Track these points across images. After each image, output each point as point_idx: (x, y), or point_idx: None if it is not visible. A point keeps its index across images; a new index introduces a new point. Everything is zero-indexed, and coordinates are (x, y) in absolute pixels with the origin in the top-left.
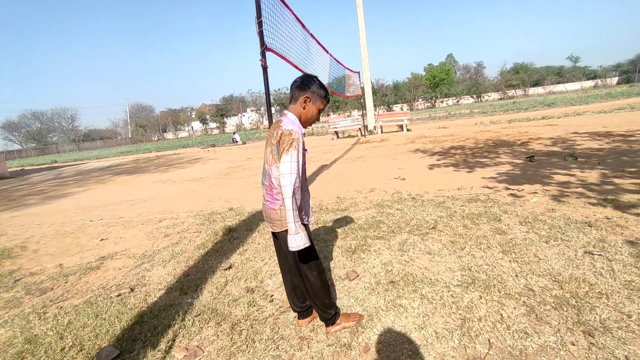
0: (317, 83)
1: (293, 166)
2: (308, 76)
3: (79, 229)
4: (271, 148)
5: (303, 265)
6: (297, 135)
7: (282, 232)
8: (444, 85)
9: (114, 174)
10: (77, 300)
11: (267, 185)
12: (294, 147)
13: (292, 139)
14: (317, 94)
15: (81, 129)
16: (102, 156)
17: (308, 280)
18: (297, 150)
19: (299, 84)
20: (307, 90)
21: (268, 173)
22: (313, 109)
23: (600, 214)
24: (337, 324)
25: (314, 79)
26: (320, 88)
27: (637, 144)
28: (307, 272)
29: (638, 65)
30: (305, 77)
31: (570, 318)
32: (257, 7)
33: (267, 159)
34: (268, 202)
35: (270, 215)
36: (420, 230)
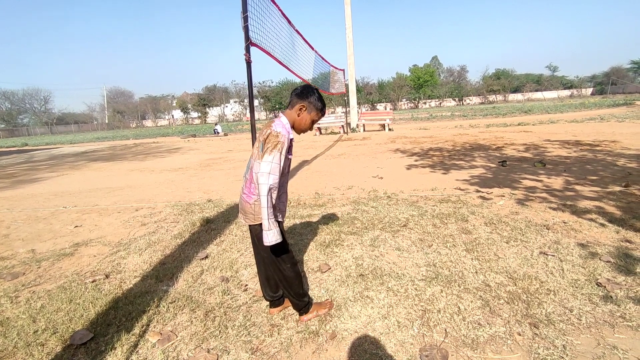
0: (316, 95)
1: (273, 167)
2: (309, 87)
3: (51, 215)
4: (258, 144)
5: (277, 258)
6: (283, 139)
7: (255, 225)
8: (427, 87)
9: (89, 160)
10: (50, 285)
11: (248, 179)
12: (277, 149)
13: (278, 141)
14: (313, 105)
15: (55, 112)
16: (77, 141)
17: (282, 272)
18: (279, 153)
19: (299, 92)
20: (305, 99)
21: (250, 167)
22: (307, 118)
23: (558, 218)
24: (310, 312)
25: (314, 91)
26: (319, 100)
27: (602, 153)
28: (281, 264)
29: (611, 77)
30: (306, 87)
31: (520, 311)
32: (243, 1)
33: (253, 154)
34: (245, 194)
35: (245, 208)
36: (392, 227)
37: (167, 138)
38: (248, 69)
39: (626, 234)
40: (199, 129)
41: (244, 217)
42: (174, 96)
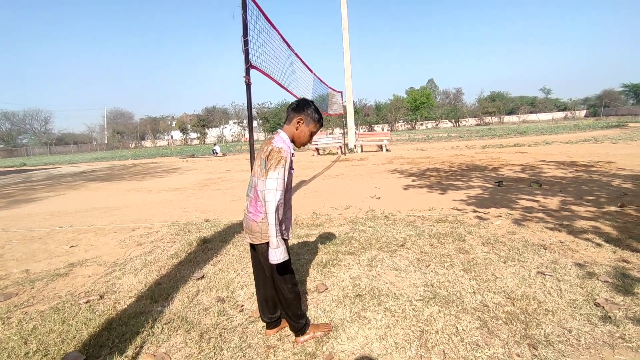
0: (312, 107)
1: (279, 183)
2: (304, 100)
3: (47, 234)
4: (260, 162)
5: (279, 277)
6: (286, 154)
7: (261, 244)
8: (424, 109)
9: (87, 180)
10: (43, 306)
11: (252, 197)
12: (282, 165)
13: (281, 156)
14: (310, 117)
15: (54, 132)
16: (75, 161)
17: (282, 292)
18: (284, 168)
19: (295, 106)
20: (302, 112)
21: (254, 185)
22: (305, 130)
23: (555, 237)
24: (306, 333)
25: (310, 104)
26: (315, 112)
27: (597, 174)
28: (282, 284)
29: (604, 100)
30: (301, 100)
31: (519, 332)
32: (244, 26)
33: (255, 172)
34: (251, 213)
35: (251, 227)
36: (390, 247)
37: (165, 158)
38: (248, 90)
39: (623, 254)
40: (198, 149)
41: (251, 236)
42: (174, 117)
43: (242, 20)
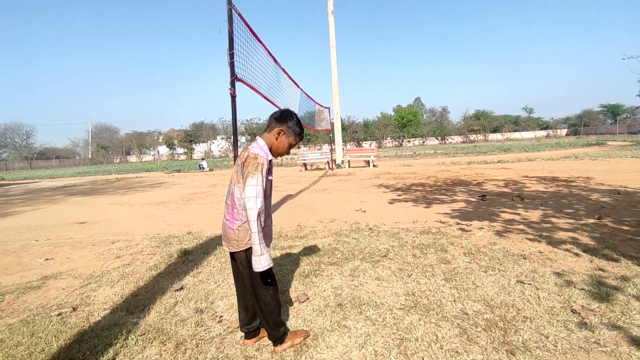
0: (294, 120)
1: (258, 190)
2: (288, 111)
3: (21, 248)
4: (236, 168)
5: (261, 284)
6: (262, 160)
7: (238, 252)
8: (411, 126)
9: (68, 195)
10: (13, 319)
11: (229, 205)
12: (258, 171)
13: (257, 162)
14: (292, 130)
15: (36, 146)
16: (57, 176)
17: (263, 300)
18: (261, 174)
19: (278, 116)
20: (284, 124)
21: (231, 192)
22: (285, 142)
23: (534, 248)
24: (285, 342)
25: (293, 116)
26: (297, 125)
27: (577, 188)
28: (264, 291)
29: (583, 119)
30: (285, 111)
31: (497, 339)
32: (230, 39)
33: (232, 178)
34: (228, 220)
35: (228, 235)
36: (372, 257)
37: (150, 173)
38: (232, 102)
39: (599, 263)
40: (184, 164)
41: (228, 244)
42: (160, 132)
43: (228, 34)
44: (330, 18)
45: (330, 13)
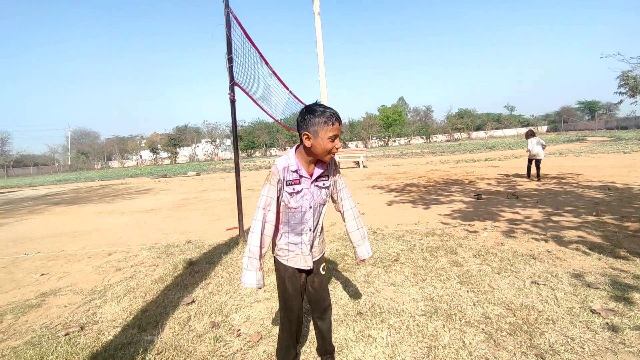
0: (311, 114)
1: (263, 200)
2: (301, 110)
3: (12, 263)
4: None
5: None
6: (274, 169)
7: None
8: (396, 126)
9: (51, 204)
10: (16, 341)
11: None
12: (267, 180)
13: (269, 172)
14: (316, 124)
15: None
16: (36, 184)
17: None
18: (269, 183)
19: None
20: (304, 127)
21: None
22: (319, 142)
23: (542, 247)
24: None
25: (308, 111)
26: (316, 116)
27: (568, 185)
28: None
29: (563, 116)
30: (300, 112)
31: (524, 343)
32: (228, 43)
33: None
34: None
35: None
36: (384, 262)
37: (136, 179)
38: (232, 107)
39: (608, 261)
40: (169, 169)
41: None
42: (143, 137)
43: (226, 38)
44: (317, 19)
45: (317, 14)
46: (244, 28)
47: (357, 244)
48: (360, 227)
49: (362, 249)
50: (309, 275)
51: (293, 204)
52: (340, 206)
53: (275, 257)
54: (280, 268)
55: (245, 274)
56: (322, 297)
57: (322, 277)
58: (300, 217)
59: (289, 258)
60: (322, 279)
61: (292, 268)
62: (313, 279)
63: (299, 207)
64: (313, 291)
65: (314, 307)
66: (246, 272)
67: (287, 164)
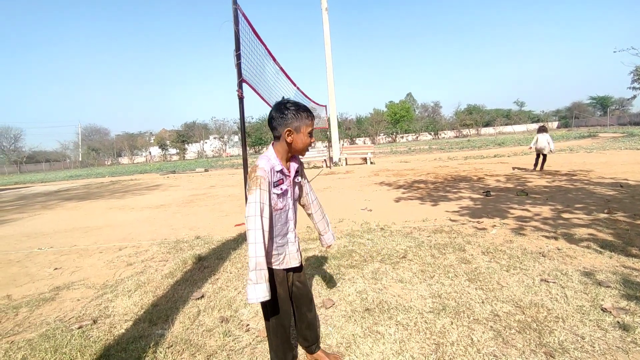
0: (292, 109)
1: (257, 207)
2: (280, 106)
3: (26, 257)
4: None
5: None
6: (261, 172)
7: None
8: (404, 122)
9: (63, 200)
10: (31, 334)
11: None
12: (257, 186)
13: (255, 176)
14: (298, 120)
15: (25, 150)
16: (48, 180)
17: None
18: (259, 189)
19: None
20: (285, 122)
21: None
22: (300, 137)
23: (552, 245)
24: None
25: (288, 106)
26: (297, 111)
27: (579, 182)
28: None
29: (574, 112)
30: (277, 108)
31: (533, 341)
32: (236, 40)
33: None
34: None
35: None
36: (391, 259)
37: (145, 175)
38: (240, 104)
39: (620, 259)
40: (178, 165)
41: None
42: (152, 133)
43: (235, 34)
44: (325, 15)
45: (324, 10)
46: (252, 25)
47: (323, 231)
48: (324, 216)
49: (328, 235)
50: (295, 272)
51: (280, 205)
52: (306, 199)
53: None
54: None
55: (255, 289)
56: (307, 289)
57: (303, 271)
58: (285, 217)
59: (280, 261)
60: (304, 273)
61: (283, 271)
62: (299, 274)
63: (285, 207)
64: (301, 285)
65: (302, 302)
66: (257, 287)
67: (272, 165)
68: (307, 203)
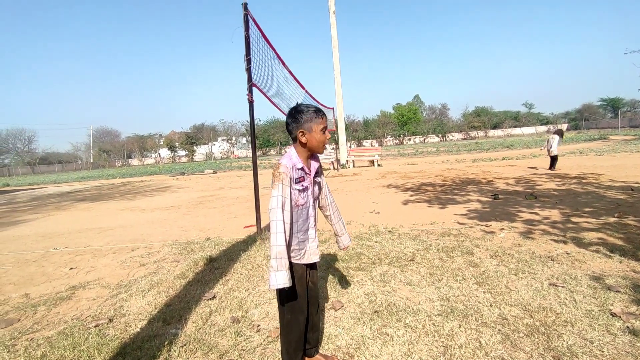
0: (304, 112)
1: (279, 201)
2: (293, 111)
3: (42, 257)
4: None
5: (279, 303)
6: (283, 169)
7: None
8: (411, 124)
9: (76, 200)
10: (50, 331)
11: None
12: (279, 180)
13: (278, 172)
14: (310, 121)
15: (38, 152)
16: (61, 181)
17: (281, 320)
18: (281, 184)
19: (289, 124)
20: (299, 124)
21: None
22: (314, 136)
23: (560, 249)
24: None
25: (301, 110)
26: (309, 112)
27: (589, 185)
28: (280, 311)
29: (584, 114)
30: (291, 114)
31: (541, 344)
32: (247, 45)
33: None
34: None
35: None
36: (400, 262)
37: (155, 177)
38: (250, 108)
39: (630, 264)
40: (186, 166)
41: None
42: (162, 135)
43: (245, 40)
44: (332, 18)
45: (332, 13)
46: (262, 30)
47: (340, 233)
48: (341, 218)
49: (345, 237)
50: (311, 271)
51: (302, 201)
52: (324, 200)
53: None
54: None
55: (276, 276)
56: (317, 291)
57: (317, 272)
58: (306, 213)
59: (300, 256)
60: (317, 274)
61: (302, 267)
62: (312, 273)
63: (306, 204)
64: (313, 286)
65: (311, 302)
66: (277, 274)
67: (294, 162)
68: (325, 204)
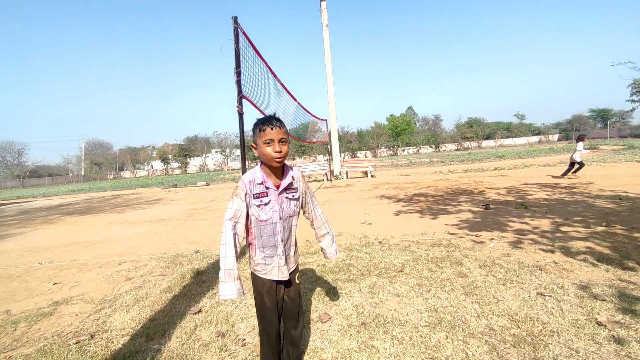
0: (254, 125)
1: (229, 213)
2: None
3: (26, 272)
4: None
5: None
6: (240, 183)
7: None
8: (405, 135)
9: (64, 214)
10: (29, 349)
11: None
12: (234, 194)
13: (235, 186)
14: (255, 136)
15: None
16: (50, 194)
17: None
18: (235, 197)
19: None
20: (252, 138)
21: None
22: (260, 150)
23: (549, 258)
24: None
25: (254, 124)
26: (254, 126)
27: (579, 195)
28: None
29: (574, 124)
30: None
31: (528, 355)
32: (237, 58)
33: None
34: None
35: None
36: (389, 273)
37: (147, 189)
38: (240, 119)
39: (616, 273)
40: (179, 179)
41: None
42: (154, 147)
43: (235, 52)
44: (325, 31)
45: (325, 26)
46: (253, 43)
47: (327, 245)
48: (329, 230)
49: (332, 249)
50: (286, 286)
51: (263, 217)
52: (311, 214)
53: (253, 272)
54: (258, 283)
55: (224, 287)
56: (296, 306)
57: (297, 287)
58: (271, 229)
59: (267, 271)
60: (297, 288)
61: (270, 281)
62: (290, 289)
63: (270, 219)
64: (289, 301)
65: (289, 316)
66: (225, 285)
67: (253, 178)
68: (312, 218)
